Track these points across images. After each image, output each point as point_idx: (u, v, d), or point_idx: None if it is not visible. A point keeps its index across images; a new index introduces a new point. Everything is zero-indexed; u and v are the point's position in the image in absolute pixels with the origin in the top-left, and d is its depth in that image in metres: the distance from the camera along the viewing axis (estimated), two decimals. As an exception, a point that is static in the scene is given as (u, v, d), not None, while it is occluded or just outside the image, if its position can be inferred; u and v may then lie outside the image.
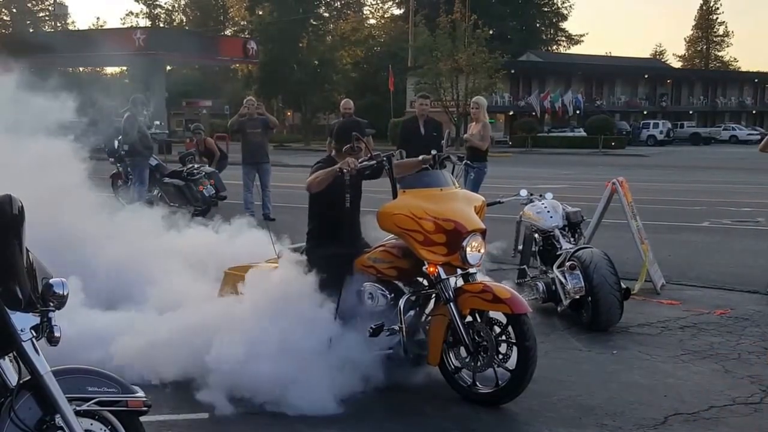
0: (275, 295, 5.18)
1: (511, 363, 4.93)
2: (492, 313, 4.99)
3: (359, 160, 5.22)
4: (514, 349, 4.91)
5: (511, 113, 61.19)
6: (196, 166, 13.92)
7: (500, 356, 4.94)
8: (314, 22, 58.91)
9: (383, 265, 5.21)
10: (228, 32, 67.82)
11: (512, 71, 57.03)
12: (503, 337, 4.96)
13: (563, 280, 6.91)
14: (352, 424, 4.71)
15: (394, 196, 5.20)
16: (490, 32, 48.47)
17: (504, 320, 4.93)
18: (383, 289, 5.17)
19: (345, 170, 5.07)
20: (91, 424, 3.14)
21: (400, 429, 4.69)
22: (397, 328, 5.04)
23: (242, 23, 67.98)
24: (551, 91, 60.75)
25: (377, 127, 5.78)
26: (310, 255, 5.42)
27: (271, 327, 5.05)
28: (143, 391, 3.24)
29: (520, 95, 62.98)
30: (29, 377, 3.04)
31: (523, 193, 7.94)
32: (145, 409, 3.22)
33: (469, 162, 10.66)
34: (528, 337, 4.84)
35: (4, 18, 59.95)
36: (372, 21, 71.60)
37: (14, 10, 61.05)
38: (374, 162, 5.33)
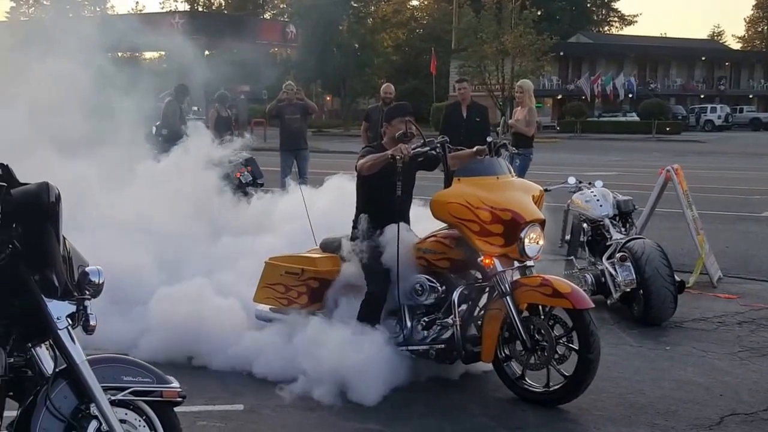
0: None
1: (568, 367, 4.83)
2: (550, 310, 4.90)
3: (412, 147, 5.18)
4: (573, 351, 4.82)
5: (559, 97, 60.55)
6: (233, 152, 14.00)
7: (557, 356, 4.84)
8: (355, 5, 58.88)
9: (434, 256, 5.15)
10: (267, 16, 68.21)
11: (561, 53, 56.41)
12: (563, 340, 4.86)
13: (613, 272, 6.82)
14: (391, 419, 4.71)
15: (448, 183, 5.15)
16: (538, 13, 48.06)
17: (569, 322, 4.82)
18: (433, 281, 5.13)
19: (397, 157, 5.02)
20: (126, 414, 3.19)
21: (441, 425, 4.67)
22: (450, 321, 5.00)
23: (281, 6, 68.28)
24: (602, 74, 59.93)
25: (418, 112, 5.75)
26: (355, 244, 5.40)
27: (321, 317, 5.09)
28: (178, 381, 3.28)
29: (569, 78, 62.28)
30: (65, 365, 3.10)
31: (572, 180, 7.85)
32: (179, 399, 3.27)
33: (514, 148, 10.56)
34: (592, 349, 4.72)
35: (45, 2, 61.05)
36: (414, 2, 71.25)
37: (54, -4, 62.10)
38: (428, 148, 5.28)
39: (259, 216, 7.39)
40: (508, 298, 4.84)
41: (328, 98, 65.23)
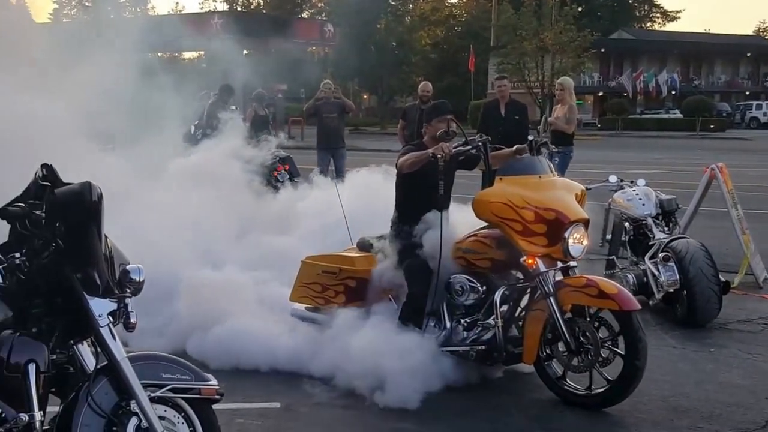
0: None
1: (611, 370, 4.78)
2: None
3: (453, 146, 5.16)
4: (617, 354, 4.76)
5: (600, 94, 59.92)
6: (271, 150, 14.09)
7: (600, 359, 4.78)
8: (393, 3, 58.95)
9: (475, 256, 5.12)
10: (305, 15, 68.56)
11: (602, 50, 55.78)
12: (609, 343, 4.80)
13: (656, 272, 6.74)
14: (427, 419, 4.71)
15: (490, 183, 5.13)
16: (579, 9, 47.55)
17: (615, 325, 4.77)
18: (474, 281, 5.10)
19: (439, 155, 5.00)
20: (165, 411, 3.24)
21: (478, 425, 4.66)
22: (491, 323, 4.98)
23: (319, 5, 68.58)
24: (644, 70, 59.21)
25: (456, 110, 5.73)
26: (394, 244, 5.41)
27: (362, 318, 5.12)
28: (215, 378, 3.32)
29: (610, 75, 61.61)
30: (106, 362, 3.15)
31: (613, 178, 7.77)
32: (217, 397, 3.31)
33: (554, 146, 10.47)
34: (639, 355, 4.65)
35: (86, 4, 61.99)
36: (453, 0, 71.03)
37: (96, -4, 63.13)
38: (469, 147, 5.26)
39: (285, 211, 7.43)
40: (551, 298, 4.79)
41: (365, 96, 65.34)
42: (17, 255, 3.12)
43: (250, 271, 6.29)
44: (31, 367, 2.99)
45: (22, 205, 3.11)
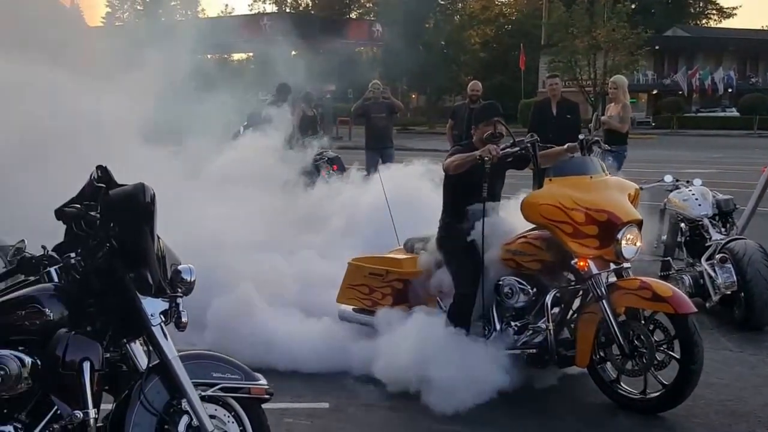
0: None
1: (667, 375, 4.71)
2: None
3: (501, 147, 5.13)
4: (673, 358, 4.70)
5: (654, 92, 58.98)
6: (319, 150, 14.17)
7: (655, 362, 4.71)
8: (441, 2, 58.83)
9: (524, 258, 5.08)
10: (353, 15, 68.82)
11: (656, 47, 54.86)
12: (664, 347, 4.74)
13: (713, 273, 6.62)
14: (477, 421, 4.69)
15: (539, 184, 5.09)
16: (632, 6, 46.87)
17: (670, 328, 4.70)
18: (524, 283, 5.07)
19: (486, 158, 4.98)
20: (215, 410, 3.28)
21: (529, 428, 4.64)
22: (542, 326, 4.94)
23: (368, 5, 68.77)
24: (700, 68, 58.08)
25: (506, 110, 5.71)
26: (442, 245, 5.40)
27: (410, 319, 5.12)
28: (266, 378, 3.35)
29: (665, 73, 60.58)
30: (158, 361, 3.21)
31: (668, 178, 7.67)
32: (267, 396, 3.35)
33: (606, 145, 10.34)
34: (695, 359, 4.58)
35: (138, 8, 63.13)
36: (503, -2, 70.59)
37: (147, 0, 64.24)
38: (517, 149, 5.22)
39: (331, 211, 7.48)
40: (604, 301, 4.74)
41: (413, 96, 65.30)
42: (72, 255, 3.21)
43: (298, 271, 6.34)
44: (86, 365, 3.06)
45: (78, 206, 3.19)
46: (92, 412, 3.06)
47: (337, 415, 4.80)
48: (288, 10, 71.06)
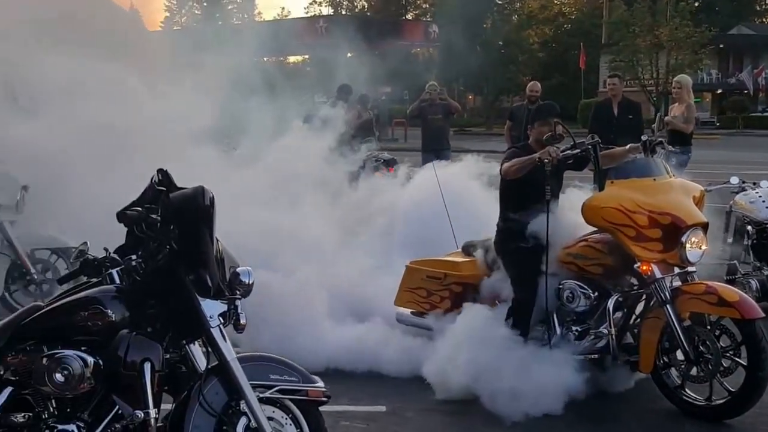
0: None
1: (733, 381, 4.62)
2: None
3: (561, 149, 5.08)
4: (739, 365, 4.61)
5: (719, 91, 57.66)
6: (375, 152, 14.20)
7: (721, 368, 4.63)
8: (499, 2, 58.48)
9: (586, 262, 5.02)
10: (409, 16, 68.86)
11: (720, 46, 53.66)
12: (730, 353, 4.65)
13: (781, 278, 6.44)
14: (537, 427, 4.65)
15: (601, 186, 5.02)
16: (696, 4, 45.92)
17: (737, 334, 4.60)
18: (585, 287, 5.00)
19: (545, 160, 4.92)
20: (273, 412, 3.32)
21: (591, 435, 4.58)
22: (605, 331, 4.87)
23: (424, 6, 68.73)
24: (766, 66, 56.57)
25: (565, 110, 5.65)
26: (500, 249, 5.36)
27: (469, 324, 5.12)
28: (322, 380, 3.38)
29: (729, 72, 59.14)
30: (216, 363, 3.26)
31: (734, 180, 7.49)
32: (324, 399, 3.37)
33: (671, 146, 10.15)
34: (763, 366, 4.47)
35: (196, 12, 64.25)
36: (562, -3, 69.85)
37: (205, 5, 65.35)
38: (578, 151, 5.16)
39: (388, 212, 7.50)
40: (668, 306, 4.66)
41: (470, 97, 65.02)
42: (133, 257, 3.29)
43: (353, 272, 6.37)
44: (147, 366, 3.13)
45: (139, 209, 3.26)
46: (153, 412, 3.13)
47: (395, 419, 4.80)
48: (344, 12, 71.47)
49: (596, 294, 4.98)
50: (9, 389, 3.19)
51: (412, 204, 7.31)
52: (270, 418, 3.28)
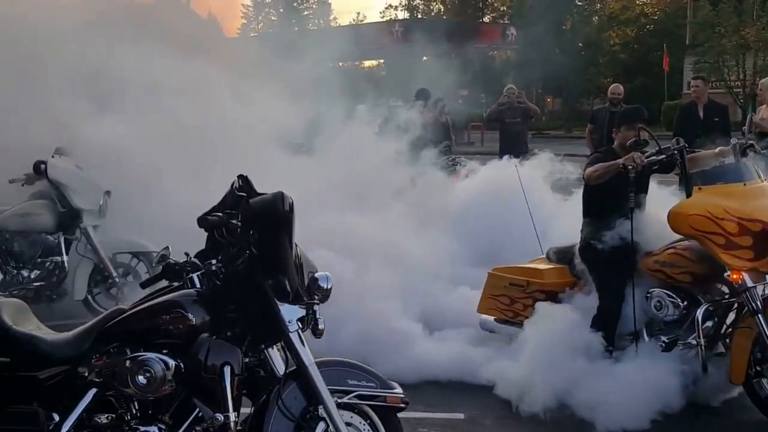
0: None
1: None
2: None
3: (646, 155, 4.96)
4: None
5: (811, 93, 55.63)
6: (452, 156, 14.14)
7: None
8: (579, 3, 57.64)
9: (674, 270, 4.90)
10: (486, 19, 68.50)
11: (811, 45, 51.75)
12: None
13: None
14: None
15: (688, 191, 4.90)
16: (786, 2, 44.34)
17: None
18: (674, 296, 4.88)
19: (629, 166, 4.83)
20: (351, 417, 3.33)
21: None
22: (693, 342, 4.74)
23: (501, 9, 68.28)
24: None
25: (649, 112, 5.52)
26: (584, 255, 5.27)
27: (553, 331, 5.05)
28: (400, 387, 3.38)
29: (821, 72, 57.06)
30: (295, 367, 3.29)
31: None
32: (402, 405, 3.37)
33: (759, 149, 9.80)
34: None
35: (272, 18, 65.27)
36: (644, -2, 68.46)
37: (281, 10, 66.38)
38: (663, 156, 5.05)
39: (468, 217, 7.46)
40: (760, 315, 4.52)
41: (548, 99, 64.25)
42: (214, 262, 3.34)
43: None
44: (227, 370, 3.18)
45: (220, 214, 3.32)
46: (233, 416, 3.17)
47: (473, 427, 4.78)
48: (420, 16, 71.51)
49: (685, 303, 4.85)
50: (93, 391, 3.28)
51: (489, 208, 7.26)
52: (348, 424, 3.29)
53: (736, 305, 4.81)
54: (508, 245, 6.61)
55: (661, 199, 5.35)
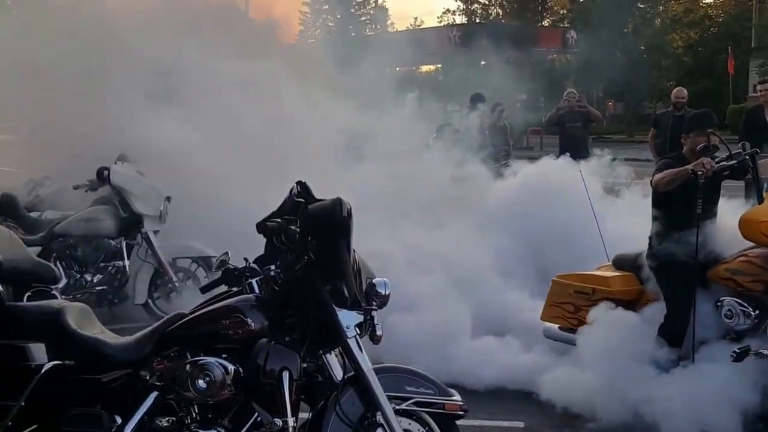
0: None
1: None
2: None
3: (716, 161, 4.87)
4: None
5: None
6: (506, 161, 14.03)
7: None
8: (641, 5, 56.74)
9: (745, 278, 4.79)
10: (546, 23, 67.94)
11: None
12: None
13: None
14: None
15: (760, 200, 4.78)
16: None
17: None
18: (745, 305, 4.77)
19: (699, 172, 4.75)
20: (409, 424, 3.33)
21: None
22: (765, 352, 4.62)
23: (561, 12, 67.64)
24: None
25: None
26: (652, 262, 5.19)
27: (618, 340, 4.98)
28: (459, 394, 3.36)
29: None
30: (353, 373, 3.30)
31: None
32: (461, 413, 3.35)
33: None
34: None
35: (330, 24, 65.73)
36: (708, 0, 67.14)
37: (338, 16, 66.81)
38: (734, 162, 4.95)
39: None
40: None
41: (609, 103, 63.36)
42: (272, 267, 3.37)
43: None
44: (285, 375, 3.20)
45: (279, 220, 3.34)
46: (291, 421, 3.19)
47: (531, 436, 4.73)
48: (478, 21, 71.23)
49: (757, 312, 4.73)
50: (155, 394, 3.33)
51: (553, 213, 7.15)
52: (406, 431, 3.29)
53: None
54: (564, 250, 6.51)
55: (730, 209, 5.23)
